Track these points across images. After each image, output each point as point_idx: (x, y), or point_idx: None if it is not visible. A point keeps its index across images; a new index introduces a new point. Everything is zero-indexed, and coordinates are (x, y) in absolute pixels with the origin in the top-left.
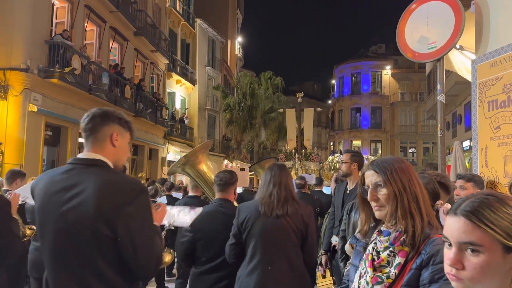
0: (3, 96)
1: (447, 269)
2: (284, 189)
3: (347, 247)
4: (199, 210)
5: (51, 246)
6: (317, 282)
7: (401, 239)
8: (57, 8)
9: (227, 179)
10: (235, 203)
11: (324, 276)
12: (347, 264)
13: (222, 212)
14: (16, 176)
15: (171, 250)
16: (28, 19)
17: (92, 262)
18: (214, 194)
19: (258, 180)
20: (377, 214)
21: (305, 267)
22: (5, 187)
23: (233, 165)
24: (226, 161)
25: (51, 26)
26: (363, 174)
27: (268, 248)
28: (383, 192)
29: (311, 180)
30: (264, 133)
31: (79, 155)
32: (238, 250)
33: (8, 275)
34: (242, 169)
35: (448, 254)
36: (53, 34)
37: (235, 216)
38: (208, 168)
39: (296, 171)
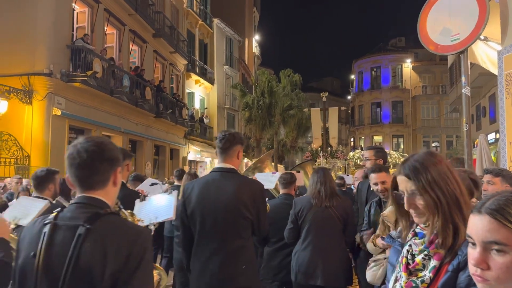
0: (28, 101)
1: (472, 269)
2: (329, 187)
3: (369, 245)
4: (171, 198)
5: (211, 222)
6: None
7: (436, 241)
8: (77, 13)
9: (289, 179)
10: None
11: None
12: (369, 262)
13: (287, 204)
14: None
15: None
16: (50, 25)
17: (238, 229)
18: (278, 191)
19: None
20: (416, 220)
21: (346, 246)
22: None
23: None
24: (246, 160)
25: (72, 30)
26: (395, 178)
27: (318, 231)
28: (420, 201)
29: (349, 179)
30: (284, 130)
31: (219, 165)
32: (295, 233)
33: None
34: (298, 172)
35: (473, 254)
36: (74, 39)
37: (292, 207)
38: (270, 171)
39: (338, 172)
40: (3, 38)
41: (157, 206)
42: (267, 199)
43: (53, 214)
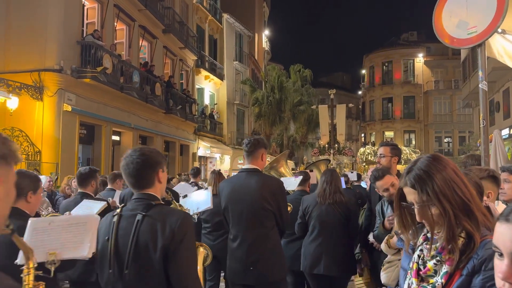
0: (39, 97)
1: (499, 283)
2: (334, 186)
3: (383, 246)
4: (208, 192)
5: (239, 214)
6: (354, 279)
7: (449, 247)
8: (87, 8)
9: (304, 176)
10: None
11: (361, 274)
12: (383, 263)
13: (301, 199)
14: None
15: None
16: (60, 21)
17: (261, 219)
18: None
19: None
20: (430, 229)
21: (349, 238)
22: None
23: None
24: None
25: (82, 26)
26: (400, 189)
27: (322, 226)
28: (432, 211)
29: (353, 177)
30: (293, 126)
31: (245, 166)
32: (303, 227)
33: None
34: (311, 171)
35: (500, 266)
36: (84, 35)
37: (300, 204)
38: (285, 170)
39: (345, 169)
40: (14, 35)
41: (198, 199)
42: None
43: (119, 209)
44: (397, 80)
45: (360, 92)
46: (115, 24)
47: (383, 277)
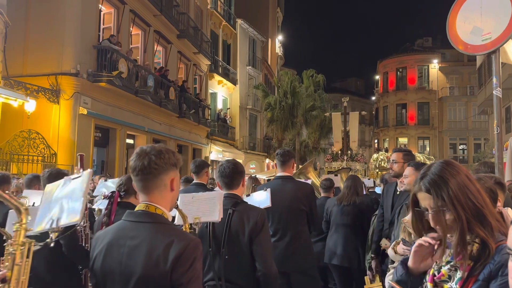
0: (55, 100)
1: None
2: (353, 190)
3: (390, 252)
4: (267, 193)
5: (278, 215)
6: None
7: (458, 250)
8: (104, 14)
9: (328, 185)
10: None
11: (372, 281)
12: (389, 268)
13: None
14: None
15: None
16: (77, 26)
17: (297, 218)
18: (319, 193)
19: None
20: (442, 234)
21: (361, 236)
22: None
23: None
24: (267, 160)
25: (99, 31)
26: (414, 195)
27: (338, 224)
28: (447, 217)
29: (369, 183)
30: (306, 131)
31: (280, 174)
32: (327, 226)
33: None
34: (336, 175)
35: None
36: (100, 39)
37: (324, 206)
38: (312, 175)
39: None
40: (33, 39)
41: (259, 199)
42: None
43: None
44: (411, 86)
45: (373, 98)
46: (131, 29)
47: (388, 282)
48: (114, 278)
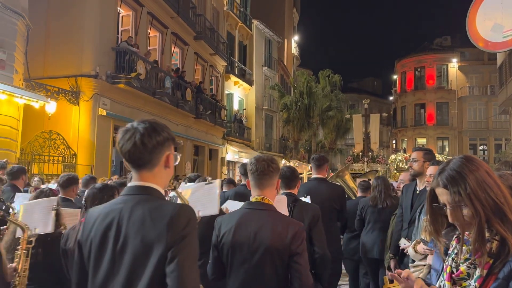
0: (75, 101)
1: None
2: (384, 191)
3: (410, 251)
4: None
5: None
6: (383, 287)
7: (476, 246)
8: (122, 16)
9: (366, 185)
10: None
11: (391, 281)
12: (409, 267)
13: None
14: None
15: None
16: (96, 28)
17: (331, 215)
18: (354, 195)
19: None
20: (461, 230)
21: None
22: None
23: (291, 164)
24: (284, 161)
25: (117, 33)
26: (432, 190)
27: (375, 222)
28: (464, 212)
29: (394, 184)
30: (322, 132)
31: (314, 176)
32: (361, 223)
33: None
34: (369, 179)
35: None
36: (119, 41)
37: (358, 205)
38: (349, 178)
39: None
40: (53, 42)
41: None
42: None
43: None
44: (430, 86)
45: (391, 98)
46: (149, 31)
47: None
48: (243, 249)
